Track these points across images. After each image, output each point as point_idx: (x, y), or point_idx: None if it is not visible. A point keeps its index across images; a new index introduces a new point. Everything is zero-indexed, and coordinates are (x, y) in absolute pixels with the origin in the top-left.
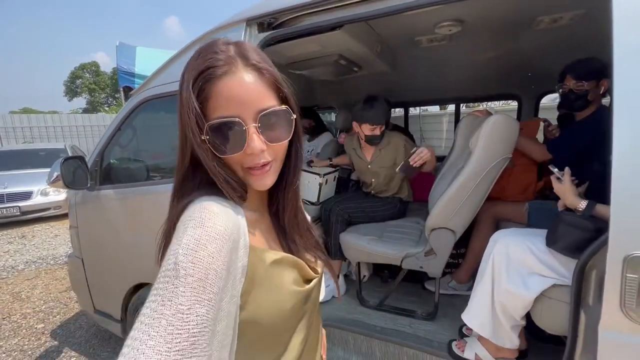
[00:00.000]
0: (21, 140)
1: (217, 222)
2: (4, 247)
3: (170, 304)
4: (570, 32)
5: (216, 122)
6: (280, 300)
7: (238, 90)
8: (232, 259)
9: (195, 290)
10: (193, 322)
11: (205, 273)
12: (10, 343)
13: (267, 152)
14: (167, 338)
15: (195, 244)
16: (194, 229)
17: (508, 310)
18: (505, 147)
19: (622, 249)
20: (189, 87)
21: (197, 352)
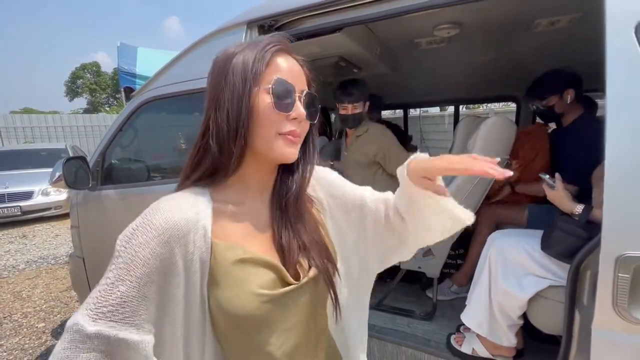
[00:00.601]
0: (22, 140)
1: (156, 217)
2: (5, 246)
3: (104, 278)
4: (568, 35)
5: (283, 79)
6: (241, 299)
7: (292, 68)
8: (170, 251)
9: (120, 270)
10: (114, 295)
11: (131, 258)
12: (12, 342)
13: (303, 124)
14: (94, 301)
15: (131, 232)
16: (138, 219)
17: (505, 310)
18: (503, 148)
19: (614, 249)
20: (258, 59)
21: (116, 319)
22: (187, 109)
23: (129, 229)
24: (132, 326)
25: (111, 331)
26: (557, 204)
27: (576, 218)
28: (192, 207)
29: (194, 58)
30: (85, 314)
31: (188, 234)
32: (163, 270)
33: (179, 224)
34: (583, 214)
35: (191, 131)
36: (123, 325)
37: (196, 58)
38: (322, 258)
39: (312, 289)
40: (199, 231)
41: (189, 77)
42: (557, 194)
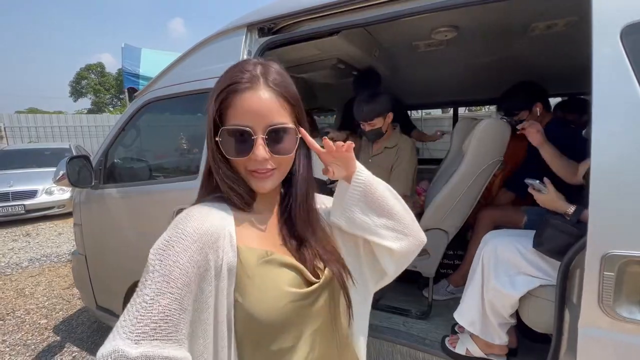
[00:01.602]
0: (27, 139)
1: (188, 225)
2: (9, 244)
3: (140, 294)
4: (565, 38)
5: (230, 128)
6: (272, 297)
7: (254, 105)
8: (205, 257)
9: (159, 284)
10: (155, 310)
11: (170, 269)
12: (14, 337)
13: (271, 161)
14: (133, 321)
15: (165, 244)
16: (168, 231)
17: (496, 309)
18: (496, 150)
19: (599, 248)
20: (213, 96)
21: (159, 337)
22: (188, 110)
23: (162, 241)
24: (175, 342)
25: (156, 350)
26: (550, 207)
27: (568, 218)
28: (218, 215)
29: (196, 60)
30: (125, 337)
31: (218, 240)
32: (199, 278)
33: (209, 230)
34: (575, 213)
35: (192, 132)
36: (167, 342)
37: (198, 60)
38: (334, 262)
39: (330, 291)
40: (226, 237)
41: (191, 79)
42: (549, 196)
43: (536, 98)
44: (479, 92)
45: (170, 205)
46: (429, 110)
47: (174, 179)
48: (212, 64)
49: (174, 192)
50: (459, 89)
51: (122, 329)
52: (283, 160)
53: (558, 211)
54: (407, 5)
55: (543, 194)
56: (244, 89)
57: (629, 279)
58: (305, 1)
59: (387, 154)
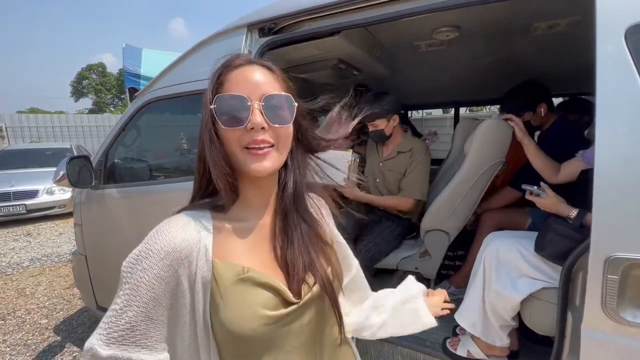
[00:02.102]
0: (28, 139)
1: (157, 241)
2: (10, 244)
3: (114, 301)
4: (568, 38)
5: (225, 95)
6: (245, 317)
7: (248, 76)
8: (174, 273)
9: (127, 296)
10: (123, 320)
11: (136, 284)
12: (15, 337)
13: (268, 133)
14: (105, 327)
15: (135, 259)
16: (141, 244)
17: (498, 311)
18: (498, 150)
19: (603, 251)
20: (210, 78)
21: (127, 343)
22: (188, 110)
23: (133, 255)
24: (144, 348)
25: (124, 354)
26: (551, 211)
27: (570, 221)
28: (195, 227)
29: (196, 60)
30: (99, 339)
31: (190, 254)
32: (170, 292)
33: (179, 246)
34: (577, 217)
35: (192, 132)
36: (135, 347)
37: (198, 60)
38: (326, 274)
39: (318, 306)
40: (201, 251)
41: (191, 79)
42: (549, 200)
43: (540, 98)
44: (480, 92)
45: (171, 205)
46: (430, 111)
47: (174, 179)
48: (213, 64)
49: (174, 192)
50: (460, 89)
51: (99, 329)
52: (281, 133)
53: (560, 214)
54: (408, 5)
55: (542, 198)
56: (238, 65)
57: (633, 282)
58: (305, 1)
59: (400, 159)
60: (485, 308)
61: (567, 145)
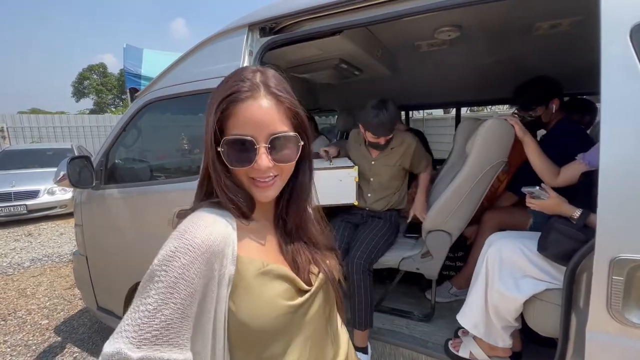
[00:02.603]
0: (29, 140)
1: (196, 235)
2: (11, 244)
3: (143, 302)
4: (570, 37)
5: (232, 138)
6: (264, 309)
7: (256, 114)
8: (211, 268)
9: (163, 295)
10: (157, 319)
11: (174, 281)
12: (16, 338)
13: (273, 169)
14: (135, 328)
15: (171, 255)
16: (174, 240)
17: (500, 312)
18: (501, 151)
19: (608, 252)
20: (213, 107)
21: (160, 342)
22: (189, 110)
23: (168, 251)
24: (176, 346)
25: (156, 354)
26: (554, 212)
27: (574, 222)
28: (223, 223)
29: (197, 60)
30: (129, 341)
31: (225, 249)
32: (204, 287)
33: (217, 240)
34: (581, 218)
35: (193, 132)
36: (167, 346)
37: (199, 60)
38: (327, 265)
39: (324, 293)
40: (230, 245)
41: (192, 79)
42: (552, 202)
43: (553, 94)
44: (482, 92)
45: (171, 206)
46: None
47: (175, 180)
48: (214, 64)
49: (175, 192)
50: (462, 89)
51: (125, 332)
52: (285, 168)
53: (563, 215)
54: (409, 5)
55: (543, 199)
56: (244, 98)
57: (638, 284)
58: (306, 1)
59: (394, 152)
60: (487, 309)
61: (569, 146)
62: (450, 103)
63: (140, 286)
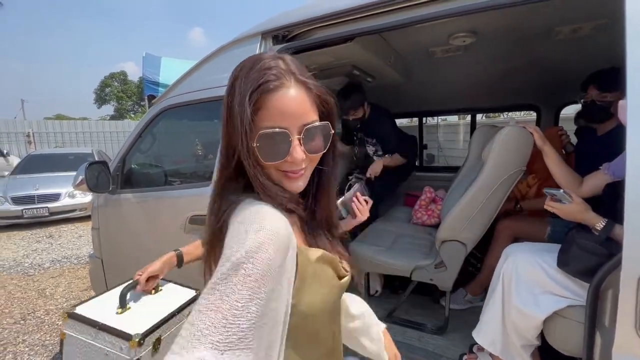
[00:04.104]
0: (53, 144)
1: (275, 225)
2: (33, 245)
3: (228, 299)
4: (592, 42)
5: (268, 132)
6: (327, 294)
7: (288, 105)
8: (286, 260)
9: (252, 289)
10: (244, 318)
11: (263, 274)
12: (34, 338)
13: (305, 160)
14: (220, 330)
15: (257, 246)
16: (256, 232)
17: (520, 330)
18: (519, 159)
19: (636, 269)
20: (245, 99)
21: (243, 346)
22: (204, 117)
23: (252, 242)
24: (251, 350)
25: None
26: (576, 219)
27: (597, 233)
28: (282, 214)
29: (212, 67)
30: (211, 347)
31: (291, 241)
32: (280, 279)
33: (288, 231)
34: (605, 229)
35: (208, 138)
36: (250, 350)
37: (214, 67)
38: (346, 250)
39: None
40: (292, 237)
41: (207, 86)
42: (574, 207)
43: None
44: (498, 98)
45: (184, 211)
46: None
47: (189, 185)
48: (228, 72)
49: (189, 197)
50: (478, 95)
51: (207, 337)
52: (314, 158)
53: (586, 223)
54: (422, 11)
55: (564, 204)
56: (274, 88)
57: None
58: (318, 9)
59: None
60: (505, 326)
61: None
62: (465, 109)
63: (218, 282)
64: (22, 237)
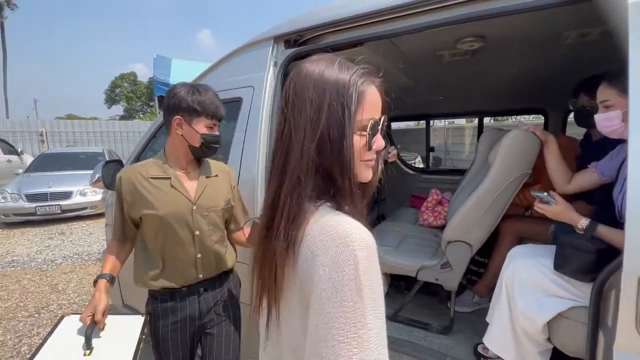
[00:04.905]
0: (65, 144)
1: (372, 240)
2: (45, 242)
3: (361, 324)
4: (600, 46)
5: (376, 122)
6: None
7: (378, 98)
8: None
9: (379, 308)
10: (381, 336)
11: (379, 291)
12: (47, 330)
13: None
14: (371, 342)
15: (368, 262)
16: (363, 250)
17: (531, 335)
18: (525, 162)
19: (637, 268)
20: (353, 96)
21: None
22: None
23: (364, 260)
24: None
25: None
26: (561, 219)
27: (581, 232)
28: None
29: (226, 70)
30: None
31: None
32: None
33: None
34: (588, 230)
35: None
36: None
37: (228, 70)
38: None
39: None
40: None
41: (222, 87)
42: (559, 208)
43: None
44: (506, 102)
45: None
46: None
47: None
48: (242, 74)
49: None
50: (485, 99)
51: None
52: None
53: (570, 222)
54: (431, 17)
55: (551, 205)
56: (366, 84)
57: None
58: (329, 14)
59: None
60: (515, 331)
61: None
62: (473, 112)
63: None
64: (35, 233)
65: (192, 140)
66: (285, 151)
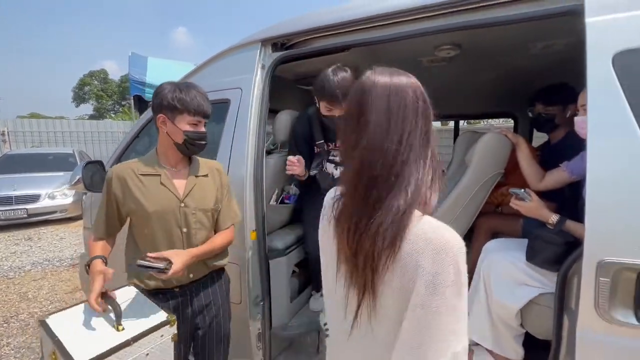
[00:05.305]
0: (29, 144)
1: (463, 243)
2: (11, 248)
3: (462, 310)
4: (564, 56)
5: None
6: None
7: None
8: None
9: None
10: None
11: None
12: (19, 340)
13: None
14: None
15: (464, 261)
16: (460, 255)
17: (505, 321)
18: (498, 163)
19: (595, 256)
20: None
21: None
22: None
23: (460, 264)
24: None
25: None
26: (534, 215)
27: (551, 227)
28: None
29: (213, 71)
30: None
31: None
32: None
33: None
34: (558, 224)
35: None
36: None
37: (215, 71)
38: None
39: None
40: None
41: (209, 89)
42: (532, 205)
43: (573, 100)
44: (480, 106)
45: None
46: None
47: None
48: (230, 76)
49: None
50: (461, 103)
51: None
52: None
53: (542, 219)
54: (410, 27)
55: (526, 202)
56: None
57: (623, 285)
58: (316, 20)
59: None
60: (492, 319)
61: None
62: (449, 116)
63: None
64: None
65: (175, 137)
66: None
